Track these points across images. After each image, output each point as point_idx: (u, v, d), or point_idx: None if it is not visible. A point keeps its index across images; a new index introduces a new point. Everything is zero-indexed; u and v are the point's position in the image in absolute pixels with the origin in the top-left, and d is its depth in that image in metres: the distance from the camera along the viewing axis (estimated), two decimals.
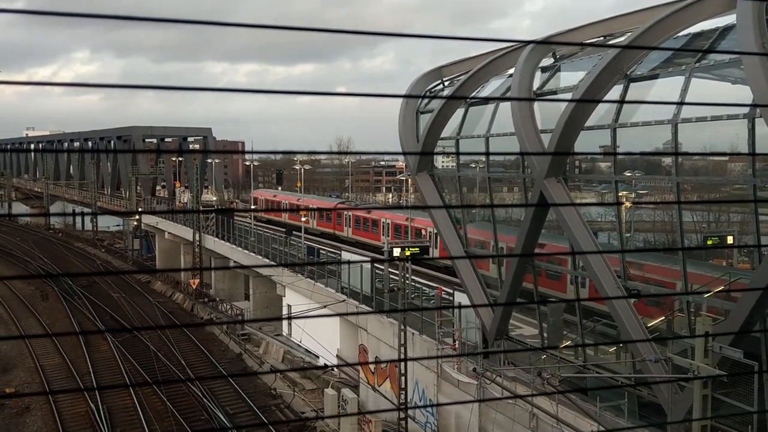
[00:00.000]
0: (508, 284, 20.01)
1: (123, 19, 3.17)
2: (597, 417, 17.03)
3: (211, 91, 3.46)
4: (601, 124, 16.49)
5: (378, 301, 29.75)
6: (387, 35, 3.31)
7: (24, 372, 35.17)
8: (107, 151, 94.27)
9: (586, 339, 18.80)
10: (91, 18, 2.70)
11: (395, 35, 3.36)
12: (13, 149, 30.38)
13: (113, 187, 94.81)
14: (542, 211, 18.38)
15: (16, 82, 3.31)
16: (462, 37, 3.54)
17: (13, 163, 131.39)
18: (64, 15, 2.97)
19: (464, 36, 3.57)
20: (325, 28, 3.30)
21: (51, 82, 3.38)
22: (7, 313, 45.97)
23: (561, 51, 19.19)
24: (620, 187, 17.08)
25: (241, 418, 28.89)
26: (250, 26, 3.20)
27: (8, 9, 2.91)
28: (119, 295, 49.42)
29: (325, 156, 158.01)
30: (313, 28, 3.36)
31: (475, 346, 23.34)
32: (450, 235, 22.62)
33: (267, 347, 38.45)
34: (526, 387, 19.42)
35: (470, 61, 21.82)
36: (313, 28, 3.36)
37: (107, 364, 35.56)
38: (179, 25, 3.04)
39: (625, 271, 16.69)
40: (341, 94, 4.30)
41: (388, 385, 27.78)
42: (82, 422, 28.52)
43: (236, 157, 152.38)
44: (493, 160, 22.05)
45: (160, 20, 3.20)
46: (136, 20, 3.18)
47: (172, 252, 60.23)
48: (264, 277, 42.83)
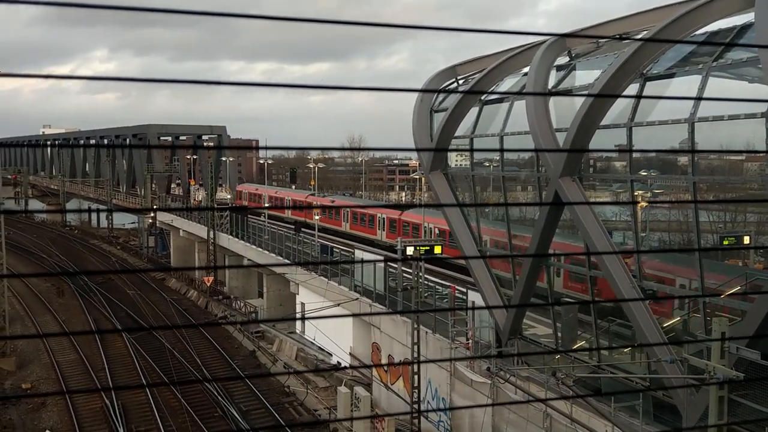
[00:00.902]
0: (521, 284, 19.94)
1: (139, 11, 3.18)
2: (611, 417, 16.95)
3: (223, 84, 3.48)
4: (617, 122, 16.38)
5: (391, 300, 29.75)
6: (404, 27, 3.30)
7: (40, 368, 35.50)
8: (122, 146, 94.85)
9: (601, 339, 18.71)
10: (110, 17, 2.72)
11: (412, 27, 3.35)
12: (29, 144, 30.63)
13: (128, 184, 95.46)
14: (557, 210, 18.30)
15: (36, 76, 3.34)
16: (480, 30, 3.54)
17: (29, 161, 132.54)
18: (80, 5, 2.97)
19: (483, 29, 3.56)
20: (339, 20, 3.31)
21: (70, 76, 3.40)
22: (24, 309, 46.41)
23: (576, 49, 19.09)
24: (636, 186, 16.95)
25: (254, 416, 29.01)
26: (268, 18, 3.21)
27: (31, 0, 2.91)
28: (134, 292, 49.77)
29: (338, 154, 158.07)
30: (328, 20, 3.36)
31: (489, 345, 23.29)
32: (463, 234, 22.57)
33: (280, 345, 38.57)
34: (539, 387, 19.36)
35: (485, 60, 21.76)
36: (328, 20, 3.36)
37: (122, 361, 35.81)
38: (196, 24, 3.06)
39: (640, 271, 16.59)
40: (354, 89, 4.29)
41: (401, 384, 27.80)
42: (97, 418, 28.74)
43: (250, 155, 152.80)
44: (507, 158, 21.98)
45: (179, 12, 3.20)
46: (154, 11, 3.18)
47: (187, 249, 60.56)
48: (278, 275, 42.97)
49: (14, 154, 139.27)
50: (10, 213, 69.57)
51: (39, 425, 28.31)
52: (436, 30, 3.77)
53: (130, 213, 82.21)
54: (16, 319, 43.37)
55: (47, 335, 11.35)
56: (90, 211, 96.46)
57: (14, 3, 2.78)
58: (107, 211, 79.41)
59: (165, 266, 62.99)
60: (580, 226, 17.09)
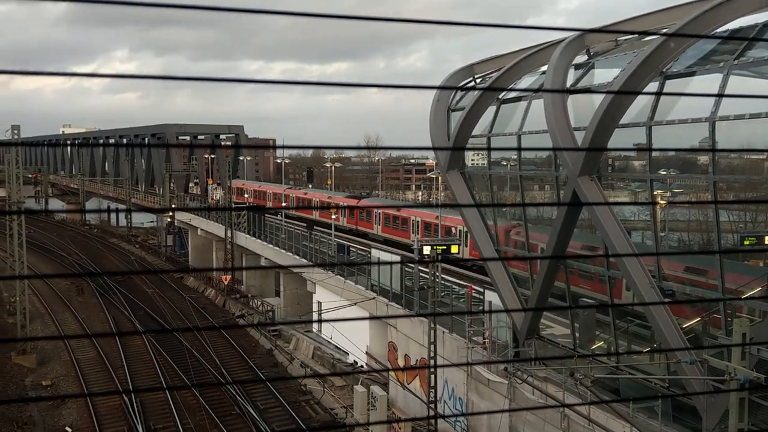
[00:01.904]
0: (539, 284, 19.83)
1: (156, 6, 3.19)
2: (629, 418, 16.82)
3: (239, 82, 3.48)
4: (636, 121, 16.25)
5: (408, 299, 29.73)
6: (422, 22, 3.28)
7: (60, 365, 35.86)
8: (140, 146, 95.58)
9: (619, 339, 18.57)
10: (131, 17, 2.73)
11: (431, 23, 3.33)
12: (50, 144, 30.95)
13: (147, 183, 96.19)
14: (575, 209, 18.18)
15: (57, 73, 3.36)
16: (498, 25, 3.51)
17: (49, 160, 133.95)
18: (99, 2, 2.99)
19: (501, 24, 3.54)
20: (359, 16, 3.29)
21: (91, 73, 3.42)
22: (44, 308, 46.90)
23: (595, 48, 18.95)
24: (655, 185, 16.80)
25: (271, 414, 29.11)
26: (288, 14, 3.21)
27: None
28: (153, 291, 50.13)
29: (354, 153, 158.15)
30: (347, 16, 3.35)
31: (506, 345, 23.20)
32: (481, 233, 22.49)
33: (297, 343, 38.69)
34: (557, 387, 19.25)
35: (502, 58, 21.66)
36: (347, 16, 3.35)
37: (141, 359, 36.07)
38: (216, 24, 3.06)
39: (659, 271, 16.44)
40: (371, 86, 4.28)
41: (418, 383, 27.77)
42: (116, 415, 28.97)
43: (267, 154, 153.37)
44: (525, 157, 21.87)
45: (198, 8, 3.21)
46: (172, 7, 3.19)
47: (205, 248, 60.92)
48: (294, 274, 43.10)
49: (35, 153, 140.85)
50: (31, 213, 70.35)
51: (59, 422, 28.60)
52: (454, 25, 3.75)
53: (149, 212, 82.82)
54: (36, 317, 43.83)
55: (69, 337, 11.40)
56: (109, 211, 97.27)
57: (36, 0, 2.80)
58: (126, 211, 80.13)
59: (182, 267, 63.40)
60: (599, 226, 16.96)
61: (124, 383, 32.71)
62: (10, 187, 42.18)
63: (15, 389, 32.65)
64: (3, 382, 33.36)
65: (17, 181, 41.55)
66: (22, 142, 51.50)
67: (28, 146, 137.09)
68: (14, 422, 28.20)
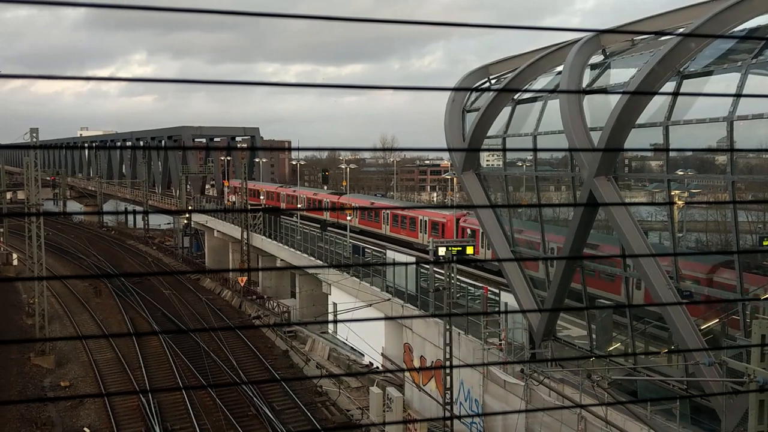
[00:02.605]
0: (555, 285, 19.74)
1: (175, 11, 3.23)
2: (647, 420, 16.70)
3: (253, 85, 3.50)
4: (653, 121, 16.13)
5: (423, 301, 29.68)
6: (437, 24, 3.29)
7: (78, 366, 36.17)
8: (156, 148, 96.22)
9: (637, 341, 18.44)
10: (149, 21, 2.76)
11: (445, 24, 3.34)
12: (68, 146, 31.26)
13: (164, 185, 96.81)
14: (591, 210, 18.09)
15: (75, 78, 3.40)
16: (513, 26, 3.51)
17: (67, 162, 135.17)
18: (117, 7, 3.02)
19: (516, 25, 3.54)
20: (374, 18, 3.32)
21: (109, 77, 3.47)
22: (63, 309, 47.33)
23: (611, 48, 18.85)
24: (672, 186, 16.67)
25: (287, 415, 29.19)
26: (304, 17, 3.22)
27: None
28: (170, 292, 50.44)
29: (369, 155, 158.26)
30: (363, 18, 3.36)
31: (522, 346, 23.11)
32: (496, 234, 22.43)
33: (313, 344, 38.76)
34: (574, 389, 19.15)
35: (518, 59, 21.60)
36: (363, 18, 3.36)
37: (158, 360, 36.32)
38: (233, 27, 3.09)
39: (677, 272, 16.31)
40: (385, 88, 4.29)
41: (433, 385, 27.72)
42: (133, 416, 29.18)
43: (283, 156, 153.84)
44: (541, 158, 21.78)
45: (215, 12, 3.24)
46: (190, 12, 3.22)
47: (221, 250, 61.21)
48: (310, 275, 43.18)
49: (53, 156, 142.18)
50: (49, 215, 70.99)
51: (77, 423, 28.84)
52: (469, 27, 3.75)
53: (165, 214, 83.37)
54: (55, 318, 44.24)
55: (87, 337, 11.54)
56: (127, 213, 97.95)
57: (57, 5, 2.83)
58: (143, 212, 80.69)
59: (198, 268, 63.74)
60: (616, 227, 16.86)
61: (142, 384, 32.95)
62: (29, 190, 42.62)
63: (34, 390, 32.98)
64: (22, 383, 33.70)
65: (36, 183, 41.97)
66: (41, 145, 52.14)
67: (46, 149, 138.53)
68: (33, 423, 28.47)
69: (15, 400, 30.74)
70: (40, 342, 36.82)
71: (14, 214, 66.27)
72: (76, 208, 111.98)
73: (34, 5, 2.73)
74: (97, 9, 2.82)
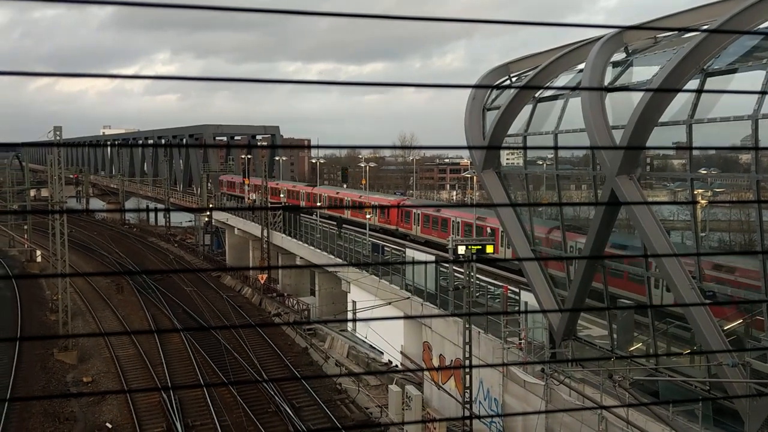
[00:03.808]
0: (576, 284, 19.62)
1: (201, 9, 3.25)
2: (669, 421, 16.55)
3: (271, 83, 3.52)
4: (676, 119, 15.97)
5: (442, 299, 29.64)
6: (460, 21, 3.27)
7: (100, 362, 36.56)
8: (178, 146, 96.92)
9: (658, 341, 18.27)
10: (174, 21, 2.78)
11: (468, 21, 3.34)
12: (89, 144, 31.62)
13: (185, 183, 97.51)
14: (613, 209, 17.95)
15: (98, 75, 3.44)
16: (534, 22, 3.50)
17: (90, 161, 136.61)
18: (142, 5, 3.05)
19: (538, 21, 3.53)
20: (397, 16, 3.32)
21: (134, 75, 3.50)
22: (85, 305, 47.86)
23: (633, 45, 18.68)
24: (695, 185, 16.49)
25: (307, 412, 29.31)
26: (328, 15, 3.24)
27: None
28: (191, 289, 50.83)
29: (389, 153, 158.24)
30: (386, 16, 3.36)
31: (542, 346, 22.99)
32: (517, 233, 22.33)
33: (332, 342, 38.87)
34: (594, 389, 19.03)
35: (538, 57, 21.48)
36: (386, 16, 3.36)
37: (179, 356, 36.62)
38: (256, 27, 3.11)
39: (700, 272, 16.14)
40: (405, 85, 4.28)
41: (453, 384, 27.68)
42: (155, 412, 29.45)
43: (302, 154, 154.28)
44: (561, 156, 21.64)
45: (238, 10, 3.25)
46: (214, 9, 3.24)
47: (241, 247, 61.55)
48: (329, 273, 43.30)
49: (76, 154, 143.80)
50: (72, 212, 71.80)
51: (99, 418, 29.16)
52: (491, 24, 3.73)
53: (186, 212, 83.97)
54: (77, 315, 44.74)
55: (109, 334, 11.62)
56: (148, 211, 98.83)
57: (85, 3, 2.86)
58: (165, 210, 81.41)
59: (220, 266, 64.17)
60: (638, 226, 16.71)
61: (163, 380, 33.24)
62: (52, 187, 43.13)
63: (57, 385, 33.40)
64: (46, 378, 34.14)
65: (59, 181, 42.47)
66: (64, 143, 52.64)
67: (69, 146, 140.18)
68: (56, 417, 28.85)
69: (40, 396, 31.19)
70: (63, 338, 37.27)
71: (38, 212, 67.15)
72: (98, 205, 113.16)
73: (62, 3, 2.76)
74: (124, 9, 2.85)
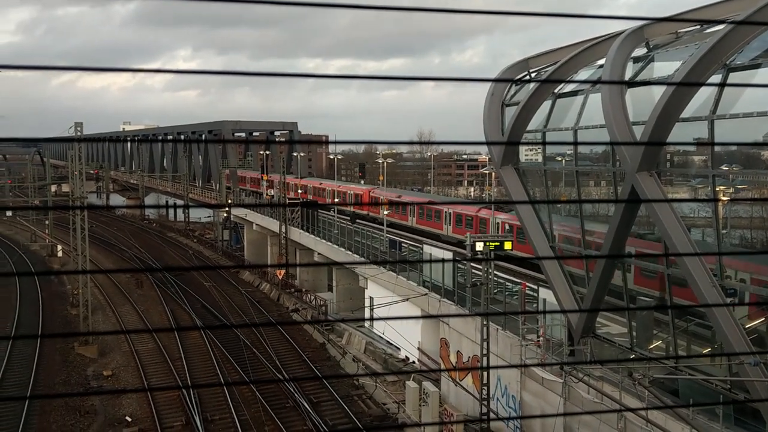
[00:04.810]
0: (595, 282, 19.48)
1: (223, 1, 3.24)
2: (690, 420, 16.40)
3: (287, 77, 3.51)
4: (698, 115, 15.77)
5: (460, 296, 29.57)
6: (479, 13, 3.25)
7: (120, 356, 36.91)
8: (197, 141, 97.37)
9: (679, 339, 18.10)
10: (196, 17, 2.78)
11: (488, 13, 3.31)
12: (110, 140, 31.90)
13: (204, 179, 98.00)
14: (633, 206, 17.78)
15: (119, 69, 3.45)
16: (554, 14, 3.46)
17: (110, 156, 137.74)
18: None
19: (557, 13, 3.49)
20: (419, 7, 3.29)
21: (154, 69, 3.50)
22: (105, 300, 48.32)
23: (654, 40, 18.47)
24: (717, 181, 16.29)
25: (324, 407, 29.40)
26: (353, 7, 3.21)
27: None
28: (210, 284, 51.15)
29: (407, 149, 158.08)
30: (408, 8, 3.34)
31: (560, 343, 22.86)
32: (535, 230, 22.20)
33: (349, 338, 38.94)
34: (614, 387, 18.90)
35: (558, 52, 21.30)
36: (408, 8, 3.34)
37: (198, 350, 36.88)
38: (276, 23, 3.09)
39: (721, 270, 15.95)
40: (424, 79, 4.25)
41: (470, 380, 27.62)
42: (174, 406, 29.69)
43: (320, 150, 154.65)
44: (581, 153, 21.47)
45: (259, 2, 3.23)
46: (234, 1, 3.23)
47: (260, 243, 61.82)
48: (347, 269, 43.36)
49: (96, 150, 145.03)
50: (93, 209, 72.42)
51: (119, 411, 29.45)
52: (510, 15, 3.70)
53: (205, 208, 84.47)
54: (98, 309, 45.18)
55: (131, 331, 11.72)
56: (167, 207, 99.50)
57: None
58: (184, 207, 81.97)
59: (238, 261, 64.51)
60: (658, 223, 16.55)
61: (182, 374, 33.50)
62: (73, 183, 43.54)
63: (78, 379, 33.76)
64: (66, 372, 34.53)
65: (80, 177, 42.87)
66: (85, 139, 53.28)
67: (90, 142, 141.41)
68: (77, 411, 29.17)
69: (62, 393, 31.54)
70: (84, 335, 37.65)
71: (59, 207, 67.88)
72: (118, 200, 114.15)
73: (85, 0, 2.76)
74: (147, 5, 2.86)
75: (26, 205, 71.95)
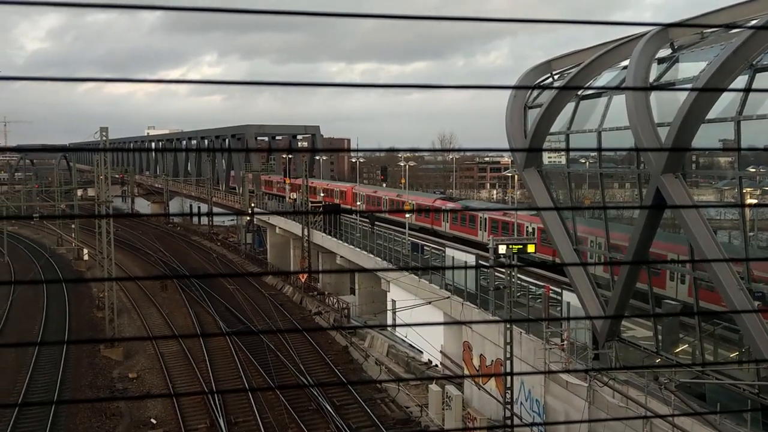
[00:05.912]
0: (620, 285, 19.30)
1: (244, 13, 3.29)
2: (717, 425, 16.19)
3: (308, 86, 3.55)
4: (724, 116, 15.58)
5: (483, 299, 29.47)
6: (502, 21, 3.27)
7: (145, 358, 37.29)
8: (221, 150, 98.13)
9: (705, 343, 17.88)
10: (222, 23, 2.82)
11: (510, 20, 3.31)
12: (134, 148, 32.28)
13: (227, 183, 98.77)
14: (658, 209, 17.60)
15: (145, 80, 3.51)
16: (579, 21, 3.46)
17: (135, 161, 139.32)
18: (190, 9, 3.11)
19: (581, 20, 3.49)
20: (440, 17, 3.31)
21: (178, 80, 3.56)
22: (131, 303, 48.86)
23: (679, 41, 18.29)
24: (744, 183, 16.07)
25: (347, 410, 29.44)
26: (372, 17, 3.25)
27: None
28: (234, 287, 51.51)
29: (428, 153, 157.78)
30: (430, 17, 3.36)
31: (585, 346, 22.68)
32: (559, 232, 22.06)
33: (372, 341, 38.98)
34: (639, 391, 18.71)
35: (581, 54, 21.17)
36: (430, 17, 3.36)
37: (222, 353, 37.15)
38: (300, 27, 3.13)
39: (748, 273, 15.74)
40: (446, 87, 4.27)
41: (494, 384, 27.51)
42: (198, 408, 29.92)
43: (343, 153, 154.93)
44: (605, 155, 21.30)
45: (283, 13, 3.29)
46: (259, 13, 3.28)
47: (282, 246, 62.13)
48: (369, 272, 43.41)
49: (121, 154, 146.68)
50: (118, 217, 73.33)
51: (144, 414, 29.75)
52: (534, 23, 3.71)
53: (229, 214, 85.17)
54: (123, 312, 45.72)
55: (157, 338, 11.90)
56: (192, 215, 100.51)
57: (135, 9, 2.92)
58: (208, 215, 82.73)
59: (261, 264, 64.88)
60: (684, 226, 16.36)
61: (206, 377, 33.75)
62: (99, 188, 44.11)
63: (104, 381, 34.17)
64: (93, 374, 34.96)
65: (105, 181, 43.41)
66: (109, 148, 54.03)
67: (115, 152, 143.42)
68: (103, 413, 29.51)
69: (89, 399, 31.91)
70: (110, 341, 38.11)
71: (85, 216, 69.04)
72: (143, 204, 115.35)
73: (114, 8, 2.83)
74: (174, 13, 2.92)
75: (53, 214, 73.08)
